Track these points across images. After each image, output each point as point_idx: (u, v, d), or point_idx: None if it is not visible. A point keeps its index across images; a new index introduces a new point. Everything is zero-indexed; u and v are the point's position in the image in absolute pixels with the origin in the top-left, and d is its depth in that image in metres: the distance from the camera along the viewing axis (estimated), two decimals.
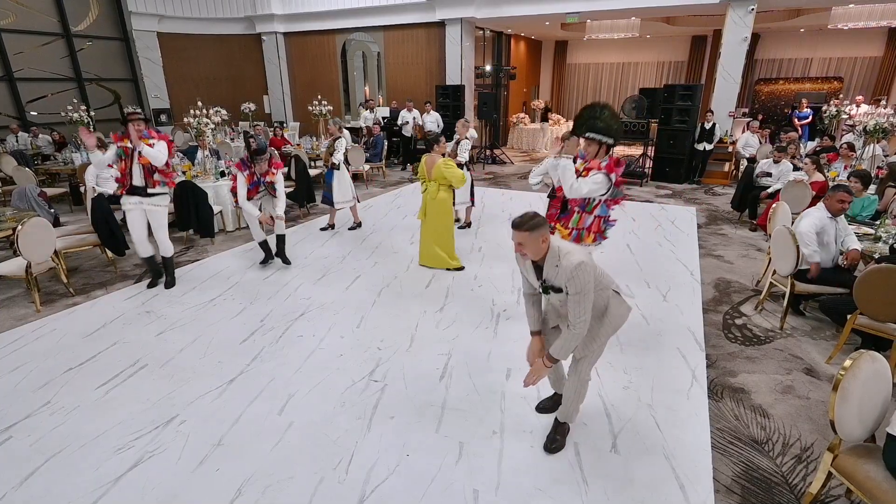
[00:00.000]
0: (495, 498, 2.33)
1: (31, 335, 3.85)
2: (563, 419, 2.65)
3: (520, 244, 2.21)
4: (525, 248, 2.20)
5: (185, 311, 4.24)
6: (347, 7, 12.29)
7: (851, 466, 2.06)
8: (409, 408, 2.97)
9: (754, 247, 5.82)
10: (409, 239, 6.12)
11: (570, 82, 17.37)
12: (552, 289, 2.27)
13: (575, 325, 2.21)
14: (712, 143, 9.18)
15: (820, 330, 3.92)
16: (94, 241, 5.05)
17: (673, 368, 3.36)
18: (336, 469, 2.50)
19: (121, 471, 2.50)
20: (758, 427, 2.84)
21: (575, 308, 2.19)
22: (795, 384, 3.23)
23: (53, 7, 11.02)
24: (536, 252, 2.22)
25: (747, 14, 8.74)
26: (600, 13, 10.57)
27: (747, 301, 4.43)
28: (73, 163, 8.11)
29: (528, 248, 2.20)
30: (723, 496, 2.37)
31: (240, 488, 2.39)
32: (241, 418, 2.88)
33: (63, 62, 11.34)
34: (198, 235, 6.07)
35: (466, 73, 11.63)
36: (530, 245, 2.19)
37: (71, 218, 7.07)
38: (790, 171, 6.49)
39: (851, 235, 3.87)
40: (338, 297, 4.50)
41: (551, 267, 2.22)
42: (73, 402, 3.03)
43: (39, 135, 10.03)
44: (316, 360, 3.49)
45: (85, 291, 4.67)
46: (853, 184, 4.99)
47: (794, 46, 13.91)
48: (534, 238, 2.18)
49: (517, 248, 2.23)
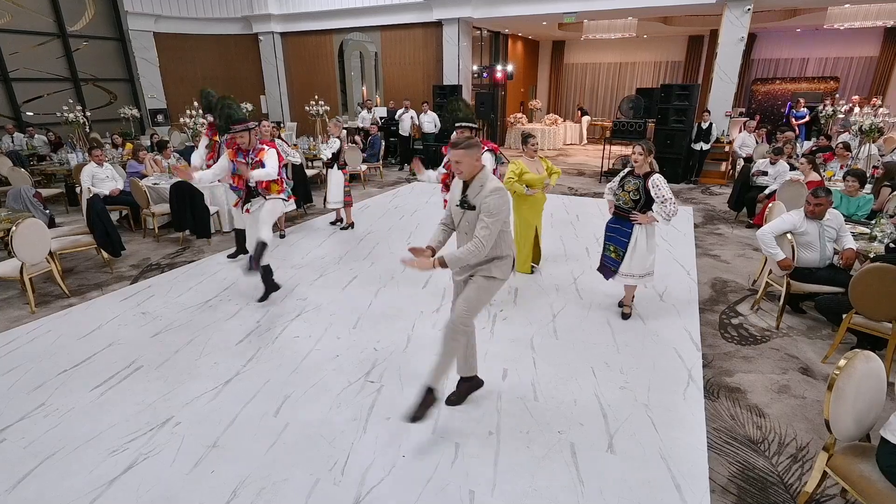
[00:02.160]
0: (491, 498, 2.33)
1: (26, 337, 3.83)
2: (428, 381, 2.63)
3: (457, 162, 2.47)
4: (462, 166, 2.48)
5: (180, 312, 4.23)
6: (344, 7, 12.28)
7: (846, 466, 2.06)
8: (405, 408, 2.95)
9: (751, 246, 5.82)
10: (406, 239, 6.12)
11: (568, 82, 17.38)
12: (468, 205, 2.53)
13: (477, 241, 2.44)
14: (709, 142, 9.20)
15: (816, 329, 3.93)
16: (89, 241, 5.03)
17: (669, 368, 3.36)
18: (332, 470, 2.49)
19: (115, 473, 2.48)
20: (754, 427, 2.84)
21: (482, 229, 2.44)
22: (791, 384, 3.23)
23: (49, 7, 10.97)
24: (470, 170, 2.50)
25: (744, 14, 8.76)
26: (597, 13, 10.58)
27: (744, 301, 4.44)
28: (68, 163, 8.08)
29: (464, 166, 2.48)
30: (719, 496, 2.37)
31: (235, 490, 2.38)
32: (237, 420, 2.87)
33: (59, 62, 11.29)
34: (194, 236, 6.06)
35: (463, 73, 11.63)
36: (466, 162, 2.47)
37: (67, 219, 7.05)
38: (787, 170, 6.50)
39: (848, 235, 3.88)
40: (334, 297, 4.50)
41: (476, 187, 2.51)
42: (68, 404, 3.02)
43: (35, 135, 9.99)
44: (312, 360, 3.48)
45: (80, 293, 4.65)
46: (850, 183, 5.01)
47: (790, 46, 13.95)
48: (470, 156, 2.46)
49: (455, 168, 2.50)
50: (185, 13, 12.92)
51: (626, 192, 3.71)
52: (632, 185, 3.67)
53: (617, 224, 3.85)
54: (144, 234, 6.40)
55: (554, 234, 6.32)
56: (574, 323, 3.98)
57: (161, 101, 12.98)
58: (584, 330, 3.87)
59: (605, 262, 3.98)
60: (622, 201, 3.75)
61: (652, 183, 3.55)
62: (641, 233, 3.74)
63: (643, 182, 3.61)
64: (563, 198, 8.15)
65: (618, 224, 3.84)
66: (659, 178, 3.57)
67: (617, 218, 3.85)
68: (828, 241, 3.84)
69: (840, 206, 4.89)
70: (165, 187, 6.03)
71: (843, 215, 4.00)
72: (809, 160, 6.00)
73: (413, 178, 9.90)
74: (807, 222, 3.81)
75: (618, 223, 3.84)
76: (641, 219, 3.68)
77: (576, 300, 4.40)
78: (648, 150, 3.61)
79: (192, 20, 13.06)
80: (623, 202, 3.74)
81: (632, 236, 3.75)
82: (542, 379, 3.24)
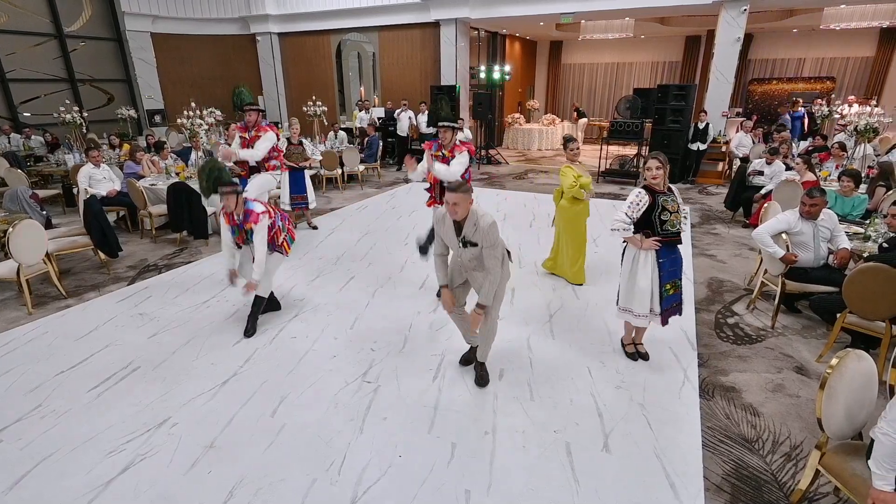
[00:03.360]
0: (487, 498, 2.34)
1: (23, 338, 3.83)
2: (482, 360, 3.21)
3: (455, 204, 2.69)
4: (458, 208, 2.70)
5: (178, 312, 4.23)
6: (342, 7, 12.28)
7: (838, 464, 2.08)
8: (401, 409, 2.97)
9: (747, 246, 5.85)
10: (402, 240, 6.13)
11: (565, 82, 17.40)
12: (470, 243, 2.80)
13: (490, 270, 2.79)
14: (706, 142, 9.23)
15: (811, 329, 3.95)
16: (86, 243, 5.03)
17: (665, 367, 3.38)
18: (328, 470, 2.50)
19: (112, 474, 2.49)
20: (748, 426, 2.86)
21: (489, 258, 2.77)
22: (786, 383, 3.25)
23: (46, 7, 10.96)
24: (465, 211, 2.73)
25: (740, 14, 8.79)
26: (594, 13, 10.60)
27: (739, 300, 4.46)
28: (65, 164, 8.06)
29: (461, 208, 2.70)
30: (713, 494, 2.38)
31: (232, 490, 2.39)
32: (234, 420, 2.88)
33: (56, 63, 11.28)
34: (191, 237, 6.05)
35: (461, 73, 11.65)
36: (462, 205, 2.70)
37: (64, 220, 7.04)
38: (782, 171, 6.52)
39: (842, 235, 3.90)
40: (331, 298, 4.50)
41: (470, 226, 2.76)
42: (65, 405, 3.02)
43: (32, 136, 9.97)
44: (309, 361, 3.49)
45: (77, 294, 4.65)
46: (845, 183, 5.04)
47: (786, 47, 13.99)
48: (465, 199, 2.71)
49: (451, 209, 2.71)
50: (183, 14, 12.90)
51: (675, 214, 3.09)
52: (671, 202, 3.08)
53: (671, 255, 3.17)
54: (142, 235, 6.40)
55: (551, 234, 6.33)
56: (571, 323, 4.00)
57: (158, 102, 12.96)
58: (580, 330, 3.89)
59: (668, 305, 3.22)
60: (671, 225, 3.09)
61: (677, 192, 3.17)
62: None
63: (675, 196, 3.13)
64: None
65: (672, 255, 3.18)
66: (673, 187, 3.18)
67: (668, 249, 3.14)
68: (822, 241, 3.86)
69: (835, 207, 4.91)
70: (163, 188, 6.03)
71: (837, 215, 4.02)
72: (805, 160, 6.02)
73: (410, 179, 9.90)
74: (802, 222, 3.83)
75: (671, 254, 3.17)
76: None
77: (572, 300, 4.42)
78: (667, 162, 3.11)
79: (189, 20, 13.04)
80: (671, 226, 3.09)
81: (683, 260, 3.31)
82: (539, 379, 3.26)
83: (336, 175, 9.01)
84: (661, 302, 3.19)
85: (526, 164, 11.98)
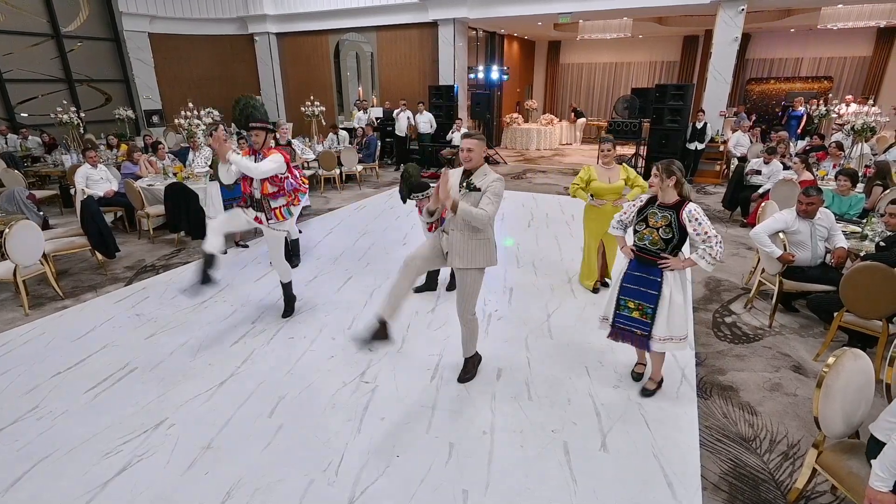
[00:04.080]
0: (484, 498, 2.34)
1: (19, 339, 3.82)
2: (467, 355, 3.25)
3: (469, 150, 2.74)
4: (472, 154, 2.75)
5: (175, 313, 4.22)
6: (340, 7, 12.26)
7: (835, 463, 2.08)
8: (399, 409, 2.97)
9: (745, 245, 5.86)
10: (401, 240, 6.12)
11: (564, 82, 17.42)
12: (474, 188, 2.79)
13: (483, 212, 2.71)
14: (704, 142, 9.24)
15: (808, 327, 3.96)
16: (83, 243, 5.02)
17: (663, 367, 3.37)
18: (326, 471, 2.50)
19: (109, 475, 2.48)
20: (746, 424, 2.86)
21: (488, 204, 2.73)
22: (783, 382, 3.26)
23: (43, 8, 10.92)
24: (478, 160, 2.79)
25: (738, 14, 8.80)
26: (592, 13, 10.60)
27: (737, 299, 4.47)
28: (62, 165, 8.04)
29: (475, 154, 2.76)
30: (710, 493, 2.38)
31: (229, 491, 2.39)
32: (231, 421, 2.87)
33: (53, 63, 11.24)
34: (189, 237, 6.04)
35: (459, 73, 11.64)
36: (477, 152, 2.76)
37: (61, 220, 7.02)
38: (780, 170, 6.54)
39: (839, 234, 3.92)
40: (329, 298, 4.50)
41: (480, 175, 2.80)
42: (61, 406, 3.01)
43: (29, 136, 9.94)
44: (307, 361, 3.48)
45: (74, 294, 4.64)
46: (842, 182, 5.05)
47: (784, 46, 14.02)
48: (480, 147, 2.77)
49: (465, 155, 2.76)
50: (181, 14, 12.87)
51: (651, 229, 2.79)
52: (660, 218, 2.77)
53: (640, 272, 2.85)
54: (139, 236, 6.39)
55: (549, 233, 6.35)
56: (568, 323, 4.00)
57: (156, 102, 12.93)
58: (578, 330, 3.89)
59: (624, 324, 2.94)
60: (648, 241, 2.80)
61: (688, 216, 2.69)
62: (676, 282, 2.81)
63: (676, 215, 2.73)
64: (559, 198, 8.16)
65: (640, 272, 2.85)
66: (696, 208, 2.71)
67: (641, 265, 2.85)
68: (819, 240, 3.87)
69: (832, 206, 4.92)
70: (160, 188, 6.01)
71: (835, 214, 4.03)
72: (803, 159, 6.03)
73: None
74: (799, 221, 3.84)
75: (640, 270, 2.85)
76: (675, 264, 2.75)
77: (571, 300, 4.42)
78: (668, 172, 2.73)
79: (187, 21, 13.01)
80: (649, 242, 2.80)
81: (663, 286, 2.78)
82: (537, 378, 3.26)
83: (334, 175, 9.00)
84: (615, 314, 2.96)
85: (524, 164, 11.98)
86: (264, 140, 3.70)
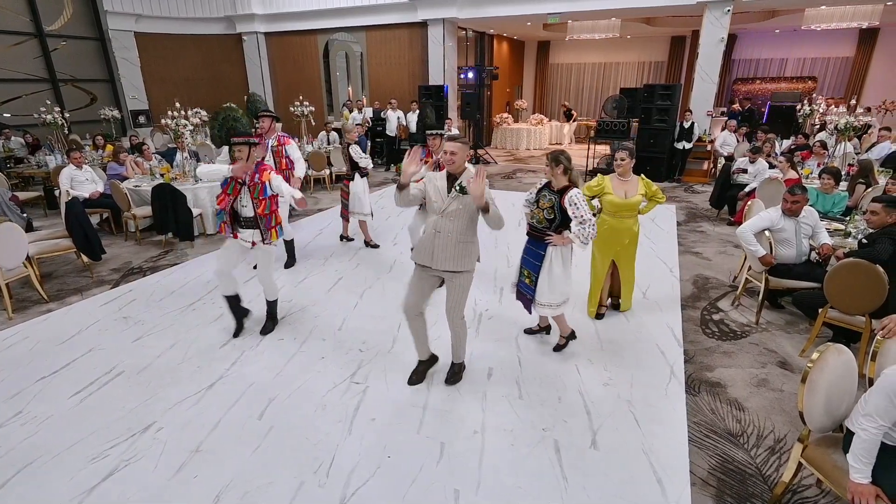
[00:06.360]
0: (476, 497, 2.34)
1: (3, 343, 3.75)
2: (456, 360, 3.23)
3: (453, 153, 2.75)
4: (456, 157, 2.76)
5: (163, 315, 4.18)
6: (329, 7, 12.21)
7: (819, 456, 2.12)
8: (390, 409, 2.97)
9: (732, 243, 5.93)
10: (391, 240, 6.11)
11: (553, 82, 17.50)
12: (464, 190, 2.78)
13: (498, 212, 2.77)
14: (691, 141, 9.34)
15: (794, 324, 4.02)
16: (68, 245, 4.94)
17: (652, 364, 3.41)
18: (316, 473, 2.49)
19: (96, 480, 2.45)
20: (733, 420, 2.90)
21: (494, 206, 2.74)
22: (770, 377, 3.30)
23: (26, 6, 10.73)
24: (461, 163, 2.79)
25: (724, 15, 8.91)
26: (581, 14, 10.66)
27: (724, 297, 4.52)
28: (46, 166, 7.91)
29: (458, 158, 2.77)
30: (699, 489, 2.41)
31: (218, 495, 2.36)
32: (220, 424, 2.85)
33: (36, 62, 11.04)
34: (177, 239, 5.98)
35: (449, 73, 11.65)
36: (460, 155, 2.77)
37: (45, 222, 6.90)
38: (766, 169, 6.63)
39: (823, 232, 3.99)
40: (319, 299, 4.48)
41: (467, 176, 2.79)
42: (47, 411, 2.96)
43: (12, 137, 9.76)
44: (297, 363, 3.46)
45: (59, 297, 4.57)
46: (825, 181, 5.13)
47: (769, 47, 14.22)
48: (464, 150, 2.80)
49: (449, 158, 2.77)
50: (167, 13, 12.72)
51: (540, 210, 3.27)
52: (547, 201, 3.23)
53: (532, 245, 3.39)
54: (126, 238, 6.31)
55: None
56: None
57: (143, 102, 12.77)
58: None
59: (521, 288, 3.50)
60: (535, 220, 3.30)
61: (569, 200, 3.10)
62: (557, 255, 3.27)
63: (559, 199, 3.16)
64: None
65: (532, 245, 3.39)
66: (577, 194, 3.10)
67: (533, 240, 3.38)
68: (804, 238, 3.93)
69: (816, 204, 5.00)
70: (147, 189, 5.94)
71: (819, 212, 4.09)
72: (788, 158, 6.13)
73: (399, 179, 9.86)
74: (784, 219, 3.90)
75: (532, 244, 3.39)
76: (556, 240, 3.22)
77: None
78: (556, 162, 3.14)
79: (174, 20, 12.87)
80: (537, 221, 3.29)
81: (545, 259, 3.29)
82: (527, 377, 3.27)
83: (324, 175, 8.95)
84: (519, 280, 3.54)
85: (514, 164, 12.03)
86: (248, 154, 3.47)
